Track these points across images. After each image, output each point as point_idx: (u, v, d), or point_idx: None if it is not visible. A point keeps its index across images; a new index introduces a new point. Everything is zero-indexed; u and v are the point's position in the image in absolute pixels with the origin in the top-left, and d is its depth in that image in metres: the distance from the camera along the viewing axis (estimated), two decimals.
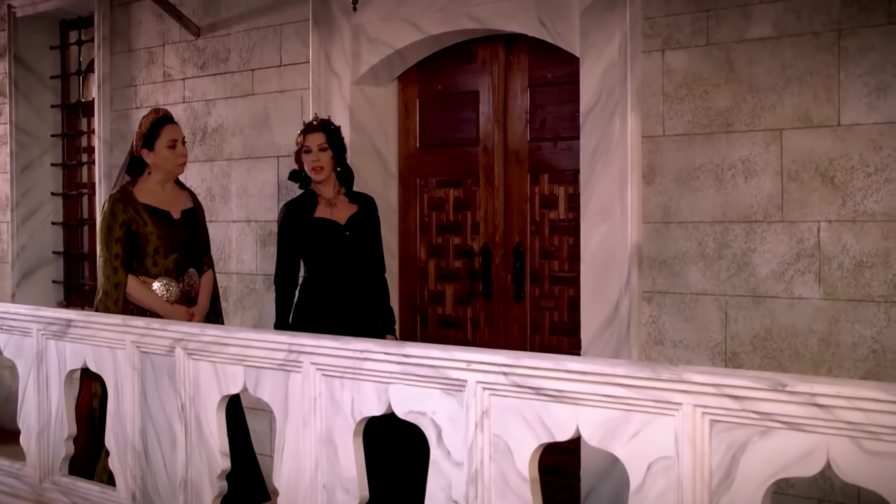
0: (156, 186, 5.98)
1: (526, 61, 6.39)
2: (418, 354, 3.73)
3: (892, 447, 2.76)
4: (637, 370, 3.20)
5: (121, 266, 5.79)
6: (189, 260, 6.03)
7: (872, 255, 4.87)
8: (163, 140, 5.92)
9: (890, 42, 4.82)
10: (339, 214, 6.01)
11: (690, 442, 3.09)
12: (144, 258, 5.85)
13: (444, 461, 3.67)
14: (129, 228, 5.81)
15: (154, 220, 5.86)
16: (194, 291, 6.05)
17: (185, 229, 5.99)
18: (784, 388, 2.90)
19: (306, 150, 5.96)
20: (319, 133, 5.98)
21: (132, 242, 5.83)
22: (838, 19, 4.96)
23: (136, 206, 5.86)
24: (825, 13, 4.99)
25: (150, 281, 5.87)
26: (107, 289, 5.81)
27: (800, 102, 5.05)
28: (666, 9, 5.46)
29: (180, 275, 5.96)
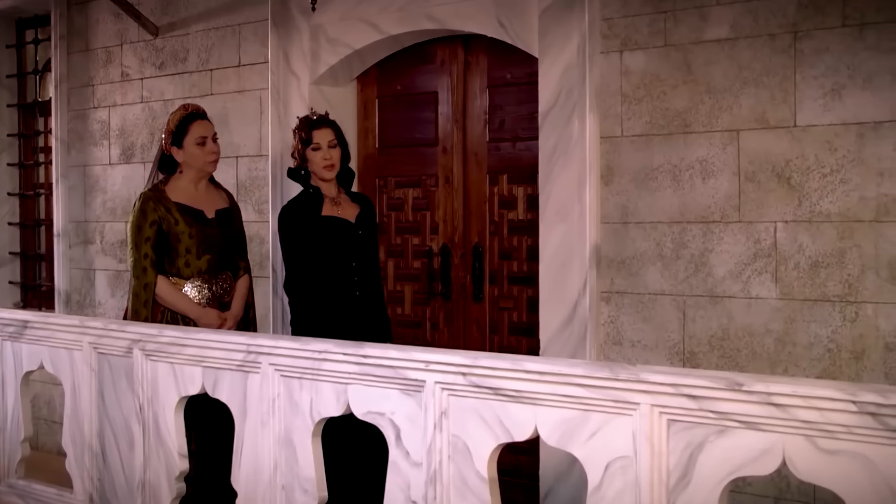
0: (188, 185, 5.73)
1: (485, 62, 6.40)
2: (377, 355, 3.73)
3: (847, 445, 2.79)
4: (595, 370, 3.21)
5: (150, 266, 5.55)
6: (223, 262, 5.77)
7: (828, 255, 4.91)
8: (191, 137, 5.69)
9: (844, 44, 4.86)
10: (347, 213, 5.72)
11: (648, 441, 3.10)
12: (176, 258, 5.60)
13: (402, 461, 3.67)
14: (159, 228, 5.56)
15: (186, 219, 5.60)
16: (228, 296, 5.78)
17: (218, 229, 5.73)
18: (741, 387, 2.92)
19: (315, 146, 5.64)
20: (328, 129, 5.71)
21: (163, 242, 5.58)
22: (794, 21, 5.00)
23: (168, 204, 5.60)
24: (781, 15, 5.03)
25: (181, 283, 5.61)
26: (136, 290, 5.57)
27: (756, 103, 5.09)
28: (624, 10, 5.49)
29: (213, 277, 5.70)
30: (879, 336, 4.80)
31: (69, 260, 8.29)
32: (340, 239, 5.62)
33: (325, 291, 5.56)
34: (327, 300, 5.55)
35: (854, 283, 4.84)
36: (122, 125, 7.90)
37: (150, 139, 7.60)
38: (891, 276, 4.75)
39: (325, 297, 5.55)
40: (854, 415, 2.75)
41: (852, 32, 4.84)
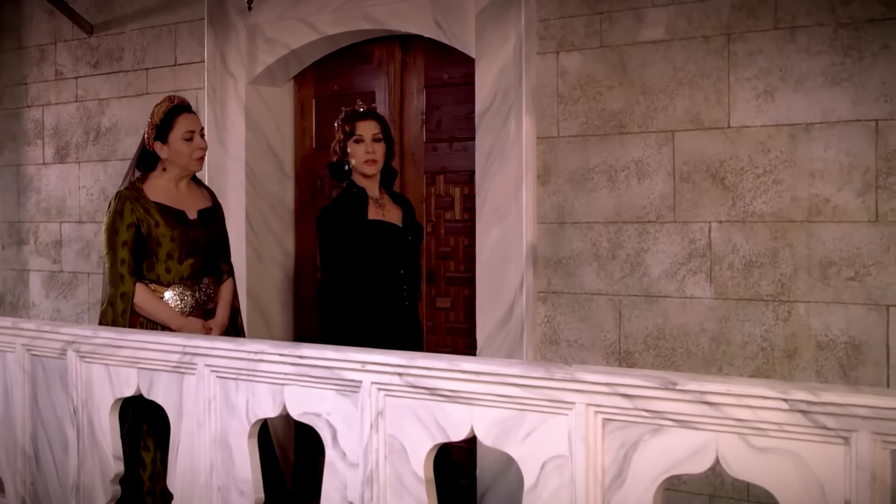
0: (169, 183, 5.24)
1: (422, 62, 6.40)
2: (313, 355, 3.71)
3: (778, 443, 2.82)
4: (531, 370, 3.22)
5: (128, 273, 5.06)
6: (206, 266, 5.29)
7: (761, 254, 4.96)
8: (178, 131, 5.18)
9: (777, 46, 4.92)
10: (392, 216, 5.30)
11: (583, 441, 3.11)
12: (155, 264, 5.12)
13: (339, 462, 3.66)
14: (137, 230, 5.08)
15: (167, 221, 5.12)
16: (212, 302, 5.31)
17: (201, 231, 5.24)
18: (675, 386, 2.94)
19: (358, 139, 5.24)
20: (373, 121, 5.32)
21: (141, 246, 5.10)
22: (727, 24, 5.05)
23: (147, 204, 5.12)
24: (715, 17, 5.08)
25: (161, 290, 5.13)
26: (112, 298, 5.07)
27: (691, 105, 5.13)
28: (560, 11, 5.51)
29: (196, 283, 5.23)
30: (811, 335, 4.85)
31: (2, 261, 8.20)
32: (389, 245, 5.23)
33: (372, 302, 5.16)
34: (375, 312, 5.15)
35: (786, 282, 4.90)
36: (56, 124, 7.83)
37: (86, 138, 7.54)
38: (822, 276, 4.81)
39: (373, 308, 5.15)
40: (785, 413, 2.78)
41: (784, 35, 4.90)
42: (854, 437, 2.70)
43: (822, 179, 4.82)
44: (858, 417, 2.68)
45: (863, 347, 4.75)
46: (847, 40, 4.77)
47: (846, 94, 4.77)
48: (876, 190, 4.71)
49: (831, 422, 2.72)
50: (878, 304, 4.71)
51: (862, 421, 2.68)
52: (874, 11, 4.71)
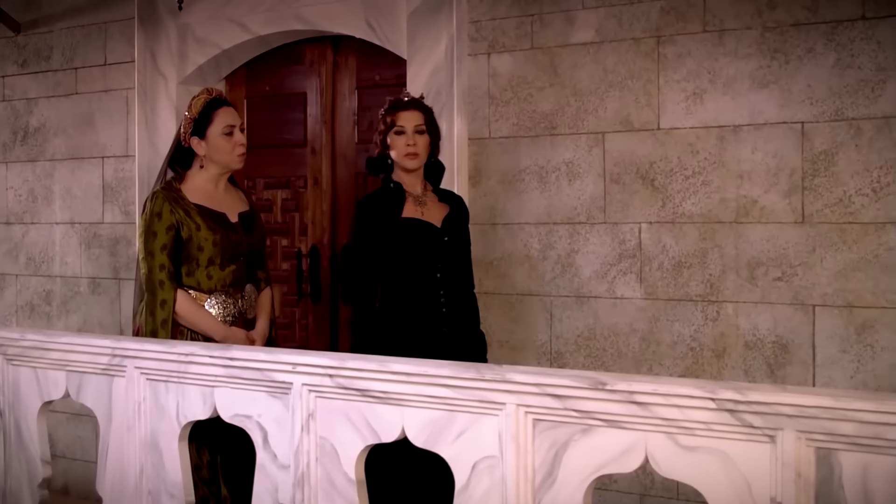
0: (207, 184, 4.89)
1: (354, 63, 6.40)
2: (244, 357, 3.70)
3: (706, 442, 2.85)
4: (461, 371, 3.23)
5: (168, 279, 4.71)
6: (248, 273, 4.96)
7: (690, 255, 5.01)
8: (217, 126, 4.83)
9: (705, 49, 4.97)
10: (432, 215, 4.91)
11: (514, 441, 3.13)
12: (196, 269, 4.78)
13: (270, 464, 3.65)
14: (177, 233, 4.73)
15: (209, 224, 4.77)
16: (253, 311, 4.98)
17: (243, 235, 4.91)
18: (604, 386, 2.96)
19: (398, 130, 4.86)
20: (416, 112, 4.92)
21: (180, 251, 4.76)
22: (657, 26, 5.09)
23: (187, 206, 4.77)
24: (645, 20, 5.12)
25: (202, 297, 4.78)
26: (152, 307, 4.71)
27: (621, 106, 5.17)
28: (491, 13, 5.53)
29: (239, 290, 4.89)
30: (739, 334, 4.91)
31: None
32: (422, 246, 4.83)
33: (404, 307, 4.79)
34: (407, 317, 4.79)
35: (715, 282, 4.95)
36: None
37: (13, 139, 7.45)
38: (750, 276, 4.87)
39: (405, 313, 4.79)
40: (713, 412, 2.81)
41: (712, 38, 4.95)
42: (780, 436, 2.74)
43: (750, 181, 4.88)
44: (784, 416, 2.72)
45: (790, 347, 4.81)
46: (773, 44, 4.83)
47: (773, 97, 4.83)
48: (802, 191, 4.77)
49: (758, 420, 2.76)
50: (804, 304, 4.77)
51: (787, 419, 2.72)
52: (799, 16, 4.77)
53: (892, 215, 4.60)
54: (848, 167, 4.68)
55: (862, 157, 4.66)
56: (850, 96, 4.68)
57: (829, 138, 4.70)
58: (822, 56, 4.73)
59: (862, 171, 4.66)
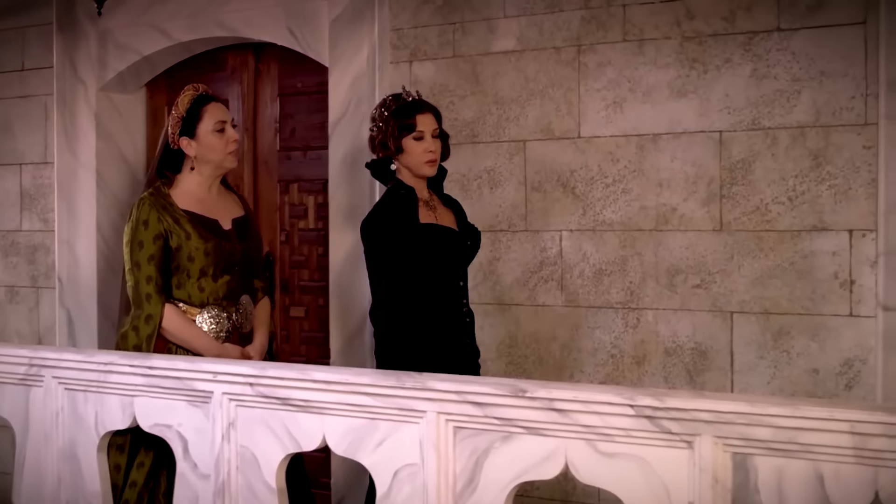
0: (199, 188, 4.58)
1: (276, 70, 6.37)
2: (163, 366, 3.68)
3: (625, 448, 2.87)
4: (381, 379, 3.23)
5: (155, 292, 4.38)
6: (243, 284, 4.64)
7: (611, 263, 5.05)
8: (207, 123, 4.52)
9: (625, 58, 5.02)
10: (445, 220, 4.63)
11: (435, 448, 3.13)
12: (186, 281, 4.46)
13: (190, 474, 3.63)
14: (165, 242, 4.40)
15: (200, 232, 4.45)
16: (249, 325, 4.66)
17: (238, 243, 4.58)
18: (524, 393, 2.98)
19: (418, 135, 4.52)
20: (432, 115, 4.60)
21: (168, 261, 4.43)
22: (578, 35, 5.13)
23: (176, 213, 4.45)
24: (566, 29, 5.15)
25: (193, 311, 4.47)
26: (135, 322, 4.38)
27: (542, 115, 5.20)
28: (413, 21, 5.54)
29: (233, 303, 4.57)
30: (659, 341, 4.95)
31: None
32: (446, 252, 4.53)
33: (429, 318, 4.44)
34: (433, 328, 4.44)
35: (635, 290, 4.99)
36: None
37: None
38: (669, 283, 4.91)
39: (430, 324, 4.44)
40: (631, 418, 2.84)
41: (632, 47, 5.00)
42: (697, 441, 2.77)
43: (669, 189, 4.93)
44: (701, 422, 2.76)
45: (708, 353, 4.86)
46: (692, 54, 4.88)
47: (691, 106, 4.89)
48: (720, 199, 4.83)
49: (676, 426, 2.79)
50: (722, 310, 4.83)
51: (705, 425, 2.75)
52: (717, 26, 4.83)
53: (808, 223, 4.67)
54: (764, 176, 4.75)
55: (778, 166, 4.72)
56: (767, 106, 4.74)
57: (746, 147, 4.76)
58: (740, 66, 4.80)
59: (778, 179, 4.73)
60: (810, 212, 4.67)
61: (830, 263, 4.64)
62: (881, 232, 4.53)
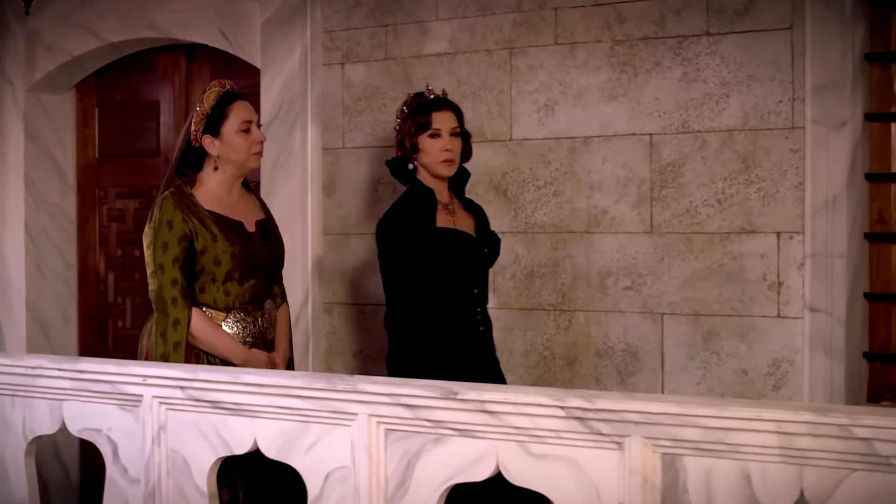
0: (221, 188, 4.40)
1: (208, 71, 6.34)
2: (93, 370, 3.64)
3: (556, 449, 2.89)
4: (313, 382, 3.23)
5: (181, 297, 4.19)
6: (267, 288, 4.51)
7: (542, 265, 5.07)
8: (233, 122, 4.33)
9: (556, 61, 5.04)
10: (463, 224, 4.46)
11: (366, 451, 3.13)
12: (211, 285, 4.28)
13: (120, 478, 3.60)
14: (190, 245, 4.21)
15: (227, 234, 4.27)
16: (272, 332, 4.50)
17: (263, 246, 4.43)
18: (455, 396, 2.99)
19: (434, 133, 4.38)
20: (451, 112, 4.45)
21: (193, 264, 4.25)
22: (510, 38, 5.15)
23: (201, 214, 4.27)
24: (497, 32, 5.17)
25: (218, 317, 4.29)
26: (162, 328, 4.19)
27: (474, 117, 5.20)
28: (346, 23, 5.53)
29: (258, 308, 4.42)
30: (591, 343, 4.98)
31: None
32: (460, 258, 4.36)
33: (439, 325, 4.29)
34: (442, 337, 4.29)
35: (567, 292, 5.02)
36: None
37: None
38: (600, 285, 4.95)
39: (440, 332, 4.29)
40: (562, 420, 2.85)
41: (563, 51, 5.03)
42: (627, 442, 2.79)
43: (600, 192, 4.96)
44: (631, 423, 2.78)
45: (639, 354, 4.90)
46: (623, 57, 4.92)
47: (622, 109, 4.92)
48: (651, 202, 4.87)
49: (606, 428, 2.81)
50: (652, 312, 4.87)
51: (634, 426, 2.77)
52: (647, 30, 4.87)
53: (736, 225, 4.72)
54: (694, 178, 4.79)
55: (707, 169, 4.77)
56: (696, 109, 4.79)
57: (676, 150, 4.81)
58: (670, 70, 4.84)
59: (707, 182, 4.77)
60: (739, 214, 4.72)
61: (759, 265, 4.69)
62: (808, 234, 4.59)
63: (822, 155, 4.55)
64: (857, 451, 2.55)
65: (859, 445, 2.54)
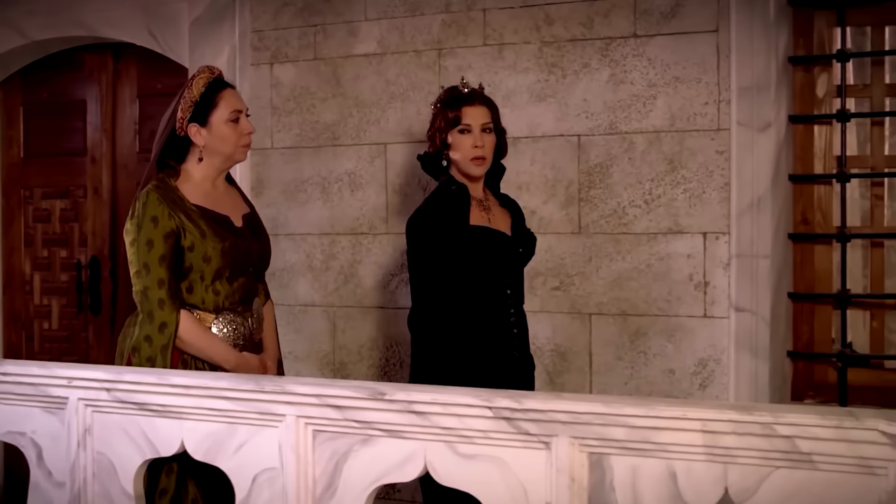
0: (205, 181, 4.12)
1: (135, 71, 6.29)
2: (17, 372, 3.59)
3: (483, 450, 2.89)
4: (240, 383, 3.21)
5: (168, 297, 3.90)
6: (254, 287, 4.27)
7: None
8: (222, 111, 4.06)
9: (485, 62, 5.06)
10: (499, 222, 4.25)
11: (294, 452, 3.12)
12: (198, 285, 4.01)
13: (44, 482, 3.55)
14: (176, 242, 3.94)
15: (215, 230, 4.00)
16: (260, 332, 4.26)
17: (252, 242, 4.18)
18: (383, 396, 2.98)
19: (464, 128, 4.16)
20: (483, 107, 4.23)
21: (180, 262, 3.97)
22: (438, 39, 5.15)
23: (188, 208, 3.99)
24: (426, 33, 5.18)
25: (207, 318, 4.03)
26: (148, 331, 3.90)
27: (403, 118, 5.21)
28: (274, 23, 5.52)
29: (248, 308, 4.16)
30: None
31: None
32: (494, 258, 4.15)
33: (470, 327, 4.06)
34: (473, 339, 4.06)
35: None
36: None
37: None
38: (529, 286, 4.94)
39: (471, 334, 4.06)
40: (490, 420, 2.86)
41: (492, 52, 5.04)
42: (554, 442, 2.80)
43: (529, 192, 4.98)
44: (558, 423, 2.79)
45: (567, 355, 4.93)
46: (551, 58, 4.94)
47: (550, 110, 4.95)
48: (578, 203, 4.90)
49: (533, 428, 2.82)
50: (580, 312, 4.90)
51: (562, 426, 2.79)
52: (575, 32, 4.90)
53: (663, 226, 4.76)
54: (622, 179, 4.83)
55: (635, 170, 4.81)
56: (624, 111, 4.83)
57: (604, 151, 4.84)
58: (597, 71, 4.87)
59: (635, 183, 4.81)
60: (666, 215, 4.76)
61: (685, 266, 4.74)
62: (733, 235, 4.64)
63: (747, 156, 4.61)
64: (780, 448, 2.58)
65: (782, 443, 2.58)
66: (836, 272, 4.71)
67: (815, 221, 4.77)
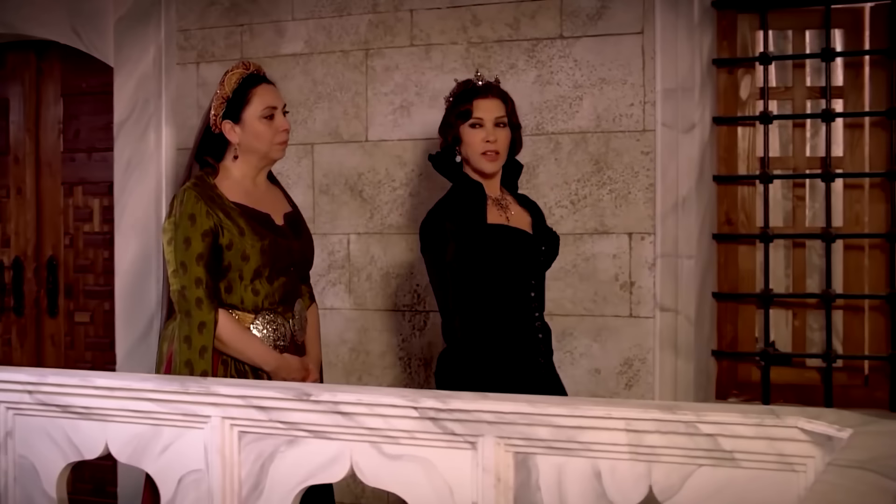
0: (244, 179, 4.00)
1: (59, 70, 6.22)
2: None
3: (409, 450, 2.91)
4: (165, 384, 3.20)
5: (206, 297, 3.76)
6: (297, 287, 4.11)
7: (398, 266, 5.08)
8: (255, 107, 3.94)
9: (412, 63, 5.06)
10: (518, 221, 4.03)
11: (220, 454, 3.12)
12: (237, 284, 3.86)
13: None
14: (214, 240, 3.80)
15: (255, 228, 3.87)
16: (303, 335, 4.11)
17: (294, 241, 4.02)
18: (309, 397, 2.99)
19: (475, 122, 3.96)
20: (496, 100, 4.02)
21: (218, 261, 3.83)
22: (366, 39, 5.15)
23: (226, 206, 3.86)
24: (353, 33, 5.17)
25: (246, 319, 3.88)
26: (187, 332, 3.75)
27: (330, 118, 5.21)
28: (200, 22, 5.49)
29: (289, 308, 4.02)
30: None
31: None
32: (517, 258, 3.93)
33: (497, 333, 3.86)
34: (501, 346, 3.86)
35: (422, 293, 5.04)
36: None
37: None
38: None
39: (499, 341, 3.85)
40: (416, 420, 2.88)
41: (419, 52, 5.05)
42: (480, 442, 2.82)
43: None
44: (484, 423, 2.81)
45: None
46: (478, 59, 4.96)
47: None
48: None
49: (459, 428, 2.84)
50: None
51: (487, 426, 2.81)
52: (502, 33, 4.91)
53: (589, 226, 4.79)
54: (548, 180, 4.85)
55: (561, 171, 4.84)
56: (550, 111, 4.85)
57: (531, 152, 4.85)
58: (524, 72, 4.89)
59: (561, 183, 4.84)
60: (592, 215, 4.79)
61: (611, 266, 4.77)
62: (658, 235, 4.68)
63: (672, 157, 4.66)
64: (703, 446, 2.62)
65: (705, 441, 2.61)
66: (760, 272, 4.77)
67: (738, 222, 4.82)
